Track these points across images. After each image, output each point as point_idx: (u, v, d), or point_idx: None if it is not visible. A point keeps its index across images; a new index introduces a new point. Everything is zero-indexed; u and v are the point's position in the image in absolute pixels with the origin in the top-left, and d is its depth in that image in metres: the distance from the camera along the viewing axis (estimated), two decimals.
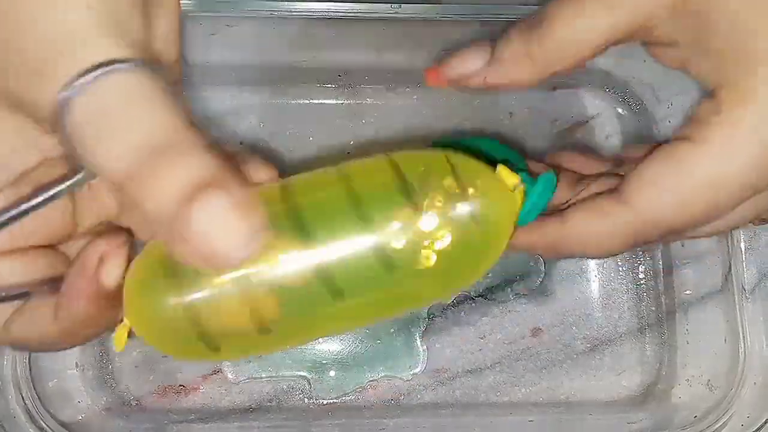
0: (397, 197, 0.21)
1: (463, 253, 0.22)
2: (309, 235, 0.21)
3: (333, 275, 0.21)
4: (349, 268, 0.21)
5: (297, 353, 0.44)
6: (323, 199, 0.22)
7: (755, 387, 0.41)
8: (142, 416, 0.43)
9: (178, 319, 0.22)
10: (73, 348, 0.26)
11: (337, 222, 0.21)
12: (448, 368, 0.44)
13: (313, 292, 0.21)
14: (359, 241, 0.21)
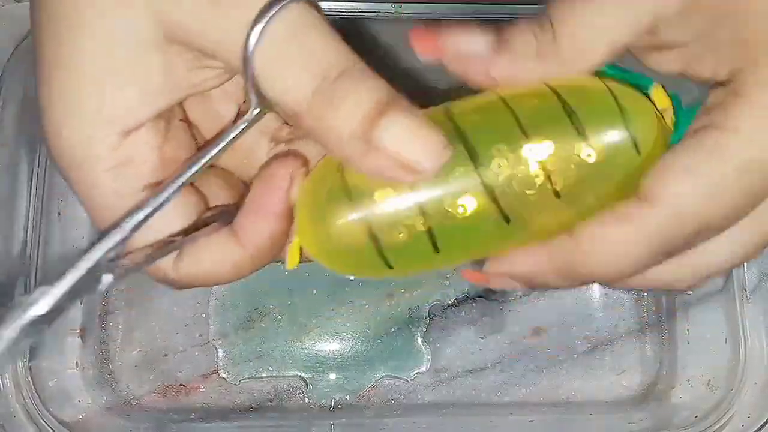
0: (563, 120, 0.22)
1: (623, 175, 0.23)
2: (479, 156, 0.22)
3: (502, 198, 0.22)
4: (518, 191, 0.22)
5: (298, 353, 0.44)
6: (491, 121, 0.23)
7: (755, 387, 0.41)
8: (143, 415, 0.43)
9: (355, 235, 0.23)
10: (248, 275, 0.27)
11: (508, 144, 0.22)
12: (449, 368, 0.44)
13: (483, 213, 0.22)
14: (526, 163, 0.22)
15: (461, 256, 0.25)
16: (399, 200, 0.23)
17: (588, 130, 0.22)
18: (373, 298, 0.44)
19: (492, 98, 0.24)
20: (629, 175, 0.23)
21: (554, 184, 0.23)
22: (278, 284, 0.44)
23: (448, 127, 0.23)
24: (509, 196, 0.22)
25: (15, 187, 0.40)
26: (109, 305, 0.44)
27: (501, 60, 0.24)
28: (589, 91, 0.23)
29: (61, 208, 0.43)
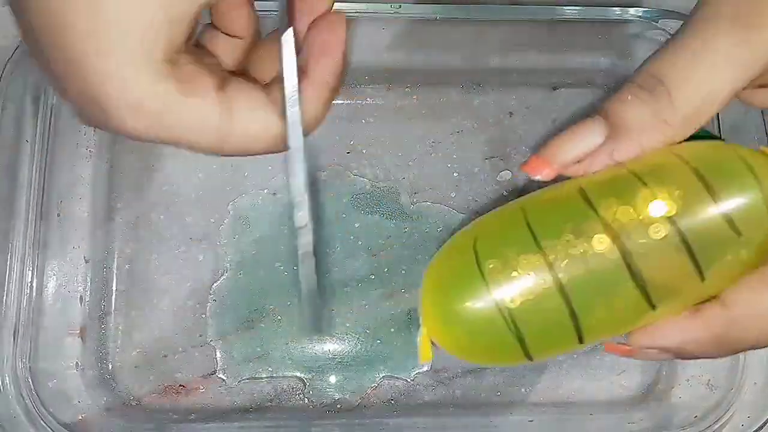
0: (704, 197, 0.22)
1: (761, 238, 0.22)
2: (625, 244, 0.21)
3: (647, 282, 0.21)
4: (662, 271, 0.21)
5: (297, 354, 0.44)
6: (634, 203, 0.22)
7: (755, 387, 0.41)
8: (142, 416, 0.43)
9: (492, 322, 0.21)
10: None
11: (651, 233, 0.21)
12: (448, 368, 0.44)
13: (628, 297, 0.21)
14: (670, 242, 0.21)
15: (602, 337, 0.24)
16: (543, 282, 0.21)
17: (723, 196, 0.22)
18: (373, 298, 0.44)
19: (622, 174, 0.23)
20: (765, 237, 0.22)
21: (696, 259, 0.22)
22: (277, 285, 0.44)
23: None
24: (653, 275, 0.22)
25: (15, 188, 0.40)
26: (109, 306, 0.44)
27: (622, 142, 0.23)
28: (719, 158, 0.23)
29: (61, 210, 0.43)
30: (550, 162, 0.24)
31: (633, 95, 0.24)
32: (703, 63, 0.23)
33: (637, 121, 0.23)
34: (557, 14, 0.42)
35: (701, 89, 0.23)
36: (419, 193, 0.46)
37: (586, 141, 0.24)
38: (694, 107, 0.23)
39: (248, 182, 0.45)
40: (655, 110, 0.23)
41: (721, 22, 0.23)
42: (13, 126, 0.41)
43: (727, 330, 0.23)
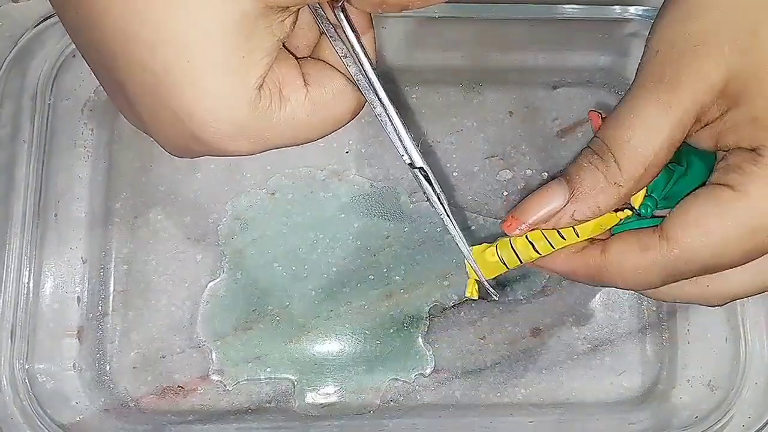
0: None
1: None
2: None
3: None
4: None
5: (296, 355, 0.44)
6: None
7: (756, 387, 0.41)
8: (141, 417, 0.43)
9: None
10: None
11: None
12: (448, 368, 0.44)
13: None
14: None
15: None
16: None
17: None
18: (372, 298, 0.44)
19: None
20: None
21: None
22: (276, 285, 0.44)
23: None
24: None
25: (11, 188, 0.40)
26: (107, 307, 0.43)
27: (581, 204, 0.28)
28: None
29: (58, 210, 0.43)
30: (521, 221, 0.29)
31: (588, 161, 0.28)
32: (639, 128, 0.27)
33: (592, 185, 0.27)
34: (557, 13, 0.42)
35: (641, 152, 0.27)
36: (418, 193, 0.45)
37: (550, 204, 0.28)
38: (637, 168, 0.27)
39: (247, 182, 0.45)
40: (606, 174, 0.27)
41: (647, 87, 0.27)
42: (10, 125, 0.40)
43: (600, 270, 0.29)
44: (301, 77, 0.26)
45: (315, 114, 0.26)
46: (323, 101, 0.27)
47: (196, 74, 0.23)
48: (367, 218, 0.45)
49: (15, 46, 0.40)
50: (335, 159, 0.46)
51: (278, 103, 0.25)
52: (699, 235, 0.26)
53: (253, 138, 0.25)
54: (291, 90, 0.25)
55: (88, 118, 0.44)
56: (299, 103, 0.26)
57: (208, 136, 0.24)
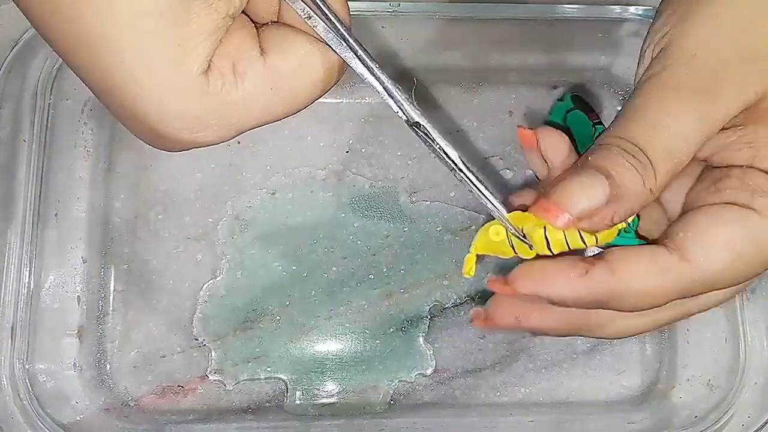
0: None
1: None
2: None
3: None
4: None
5: (296, 354, 0.44)
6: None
7: (756, 387, 0.41)
8: (141, 417, 0.43)
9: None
10: None
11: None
12: (448, 368, 0.44)
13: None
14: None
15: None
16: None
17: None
18: (372, 298, 0.44)
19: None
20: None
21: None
22: (276, 285, 0.44)
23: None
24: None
25: (12, 187, 0.40)
26: (107, 306, 0.43)
27: (621, 206, 0.25)
28: None
29: (59, 209, 0.43)
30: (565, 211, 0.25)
31: (626, 161, 0.25)
32: (675, 136, 0.25)
33: (633, 188, 0.25)
34: (557, 12, 0.42)
35: (675, 161, 0.25)
36: (418, 192, 0.45)
37: (594, 198, 0.25)
38: (669, 176, 0.26)
39: (247, 181, 0.45)
40: (644, 179, 0.25)
41: (683, 93, 0.25)
42: (11, 125, 0.40)
43: (611, 295, 0.26)
44: (257, 47, 0.23)
45: (280, 85, 0.24)
46: (287, 69, 0.24)
47: (135, 73, 0.21)
48: (367, 218, 0.45)
49: (15, 46, 0.40)
50: (335, 159, 0.46)
51: (232, 81, 0.23)
52: (729, 259, 0.25)
53: (216, 125, 0.23)
54: (246, 63, 0.23)
55: (88, 118, 0.44)
56: (258, 76, 0.23)
57: (168, 131, 0.23)
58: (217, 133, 0.23)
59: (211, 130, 0.23)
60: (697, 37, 0.26)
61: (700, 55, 0.26)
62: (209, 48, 0.22)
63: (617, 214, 0.25)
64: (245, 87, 0.23)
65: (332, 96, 0.46)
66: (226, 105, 0.23)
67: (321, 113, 0.46)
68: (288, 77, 0.24)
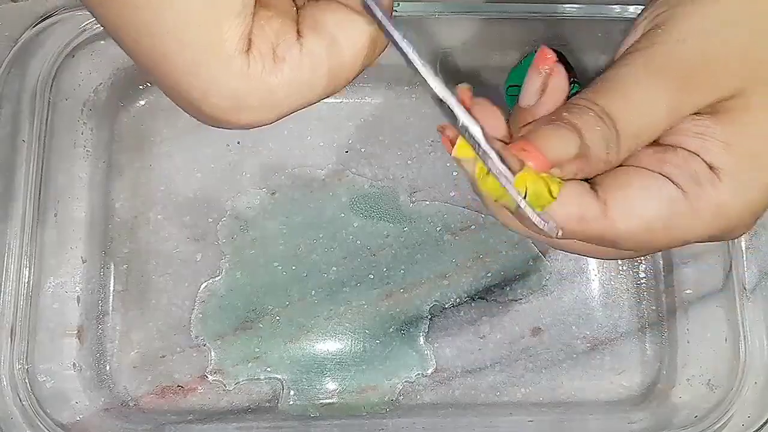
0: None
1: None
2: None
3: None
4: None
5: (296, 354, 0.43)
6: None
7: (756, 387, 0.41)
8: (140, 417, 0.43)
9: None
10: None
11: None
12: (448, 368, 0.44)
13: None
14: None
15: None
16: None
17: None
18: (371, 298, 0.44)
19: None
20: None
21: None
22: (276, 285, 0.44)
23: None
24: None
25: (11, 188, 0.40)
26: (107, 306, 0.43)
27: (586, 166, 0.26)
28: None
29: (58, 209, 0.43)
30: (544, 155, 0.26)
31: (597, 125, 0.26)
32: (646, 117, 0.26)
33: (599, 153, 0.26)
34: (557, 12, 0.42)
35: (638, 141, 0.26)
36: (418, 192, 0.45)
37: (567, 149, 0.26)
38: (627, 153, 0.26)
39: (246, 181, 0.45)
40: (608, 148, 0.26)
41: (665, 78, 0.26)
42: (10, 125, 0.40)
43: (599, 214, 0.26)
44: (294, 30, 0.23)
45: (319, 65, 0.24)
46: (324, 49, 0.24)
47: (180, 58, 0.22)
48: (367, 218, 0.45)
49: (15, 46, 0.40)
50: (335, 159, 0.46)
51: (272, 66, 0.23)
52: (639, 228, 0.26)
53: (258, 106, 0.24)
54: (285, 47, 0.23)
55: (88, 118, 0.44)
56: (296, 61, 0.23)
57: (211, 110, 0.23)
58: (260, 115, 0.24)
59: (254, 111, 0.24)
60: (689, 24, 0.26)
61: (688, 43, 0.26)
62: (242, 26, 0.22)
63: (581, 172, 0.26)
64: (284, 71, 0.23)
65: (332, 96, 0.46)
66: (267, 88, 0.23)
67: (321, 113, 0.46)
68: (326, 57, 0.24)
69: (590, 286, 0.45)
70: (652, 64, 0.26)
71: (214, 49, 0.22)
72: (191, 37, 0.22)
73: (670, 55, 0.26)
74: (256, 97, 0.23)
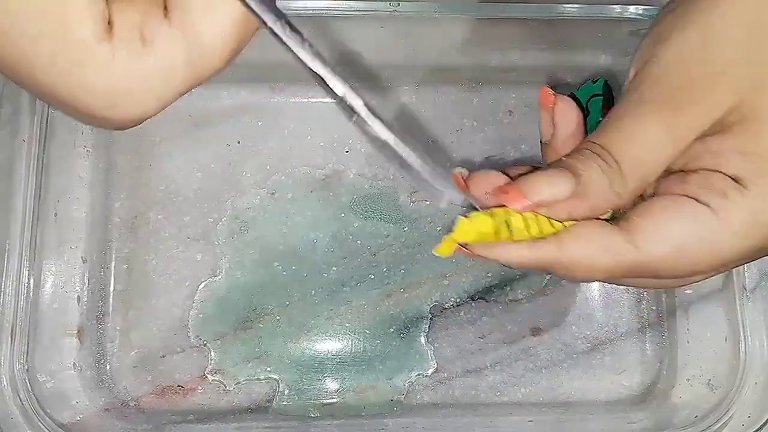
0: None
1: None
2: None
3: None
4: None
5: (296, 354, 0.43)
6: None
7: (756, 387, 0.41)
8: (141, 417, 0.43)
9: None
10: None
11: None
12: (448, 368, 0.44)
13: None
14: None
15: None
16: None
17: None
18: (372, 298, 0.44)
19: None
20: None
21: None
22: (276, 285, 0.44)
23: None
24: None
25: (11, 187, 0.40)
26: (107, 306, 0.43)
27: (583, 204, 0.27)
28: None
29: (58, 209, 0.43)
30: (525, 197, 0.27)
31: (596, 163, 0.27)
32: (646, 146, 0.27)
33: (599, 189, 0.27)
34: (557, 12, 0.42)
35: (645, 170, 0.27)
36: (418, 192, 0.45)
37: (556, 191, 0.27)
38: (639, 184, 0.27)
39: (246, 181, 0.45)
40: (611, 183, 0.27)
41: (656, 104, 0.27)
42: (10, 125, 0.40)
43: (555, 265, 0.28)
44: (161, 8, 0.21)
45: (192, 43, 0.21)
46: (193, 25, 0.21)
47: (35, 54, 0.20)
48: (367, 218, 0.45)
49: None
50: (335, 159, 0.46)
51: (141, 49, 0.21)
52: (672, 252, 0.26)
53: (137, 99, 0.21)
54: (151, 28, 0.21)
55: None
56: (166, 39, 0.21)
57: (90, 111, 0.21)
58: (140, 107, 0.22)
59: (133, 104, 0.21)
60: (670, 54, 0.28)
61: (671, 70, 0.27)
62: (94, 10, 0.20)
63: (578, 211, 0.27)
64: (156, 52, 0.21)
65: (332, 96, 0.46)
66: (139, 73, 0.21)
67: (321, 113, 0.46)
68: (197, 33, 0.21)
69: (590, 286, 0.45)
70: (644, 99, 0.28)
71: (67, 39, 0.20)
72: (39, 27, 0.20)
73: (658, 84, 0.27)
74: (129, 87, 0.21)
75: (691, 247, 0.26)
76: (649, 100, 0.27)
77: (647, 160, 0.27)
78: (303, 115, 0.46)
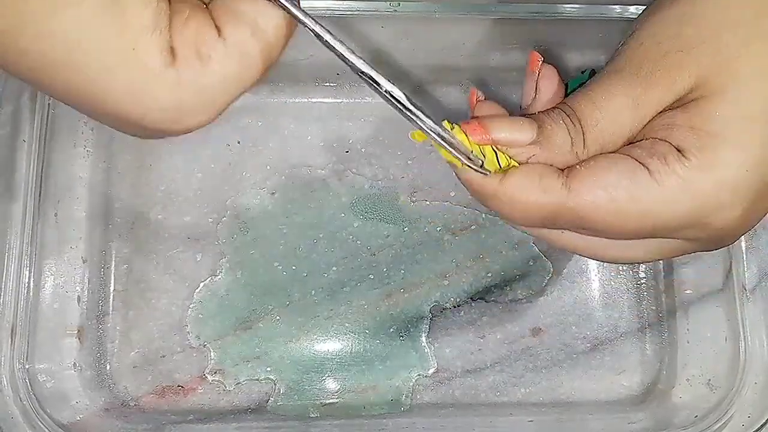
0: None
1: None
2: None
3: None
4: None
5: (296, 354, 0.44)
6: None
7: (756, 387, 0.41)
8: (141, 417, 0.43)
9: None
10: None
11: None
12: (448, 368, 0.44)
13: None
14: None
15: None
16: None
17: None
18: (372, 298, 0.44)
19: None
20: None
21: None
22: (276, 285, 0.44)
23: None
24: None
25: (11, 187, 0.40)
26: (107, 306, 0.43)
27: (542, 153, 0.28)
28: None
29: (58, 209, 0.43)
30: (488, 132, 0.29)
31: (563, 121, 0.29)
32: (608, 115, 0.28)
33: (560, 145, 0.28)
34: (557, 12, 0.42)
35: (605, 138, 0.28)
36: (418, 192, 0.45)
37: (518, 135, 0.28)
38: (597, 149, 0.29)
39: (247, 181, 0.45)
40: (573, 142, 0.28)
41: (623, 76, 0.28)
42: (10, 125, 0.40)
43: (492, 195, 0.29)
44: (213, 27, 0.24)
45: (243, 54, 0.24)
46: (247, 37, 0.24)
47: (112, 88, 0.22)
48: (367, 218, 0.45)
49: None
50: (335, 159, 0.46)
51: (200, 67, 0.23)
52: (603, 200, 0.27)
53: (200, 109, 0.24)
54: (208, 46, 0.23)
55: (87, 118, 0.44)
56: (221, 54, 0.23)
57: (156, 126, 0.24)
58: (204, 116, 0.24)
59: (196, 115, 0.24)
60: (645, 30, 0.29)
61: (645, 44, 0.29)
62: (159, 39, 0.23)
63: (536, 157, 0.28)
64: (214, 68, 0.23)
65: (332, 96, 0.46)
66: (202, 89, 0.23)
67: (321, 113, 0.46)
68: (254, 42, 0.24)
69: (590, 286, 0.45)
70: (617, 66, 0.29)
71: (142, 71, 0.22)
72: (115, 65, 0.22)
73: (633, 57, 0.29)
74: (194, 101, 0.24)
75: (621, 201, 0.27)
76: (621, 70, 0.29)
77: (609, 130, 0.28)
78: (303, 115, 0.46)
